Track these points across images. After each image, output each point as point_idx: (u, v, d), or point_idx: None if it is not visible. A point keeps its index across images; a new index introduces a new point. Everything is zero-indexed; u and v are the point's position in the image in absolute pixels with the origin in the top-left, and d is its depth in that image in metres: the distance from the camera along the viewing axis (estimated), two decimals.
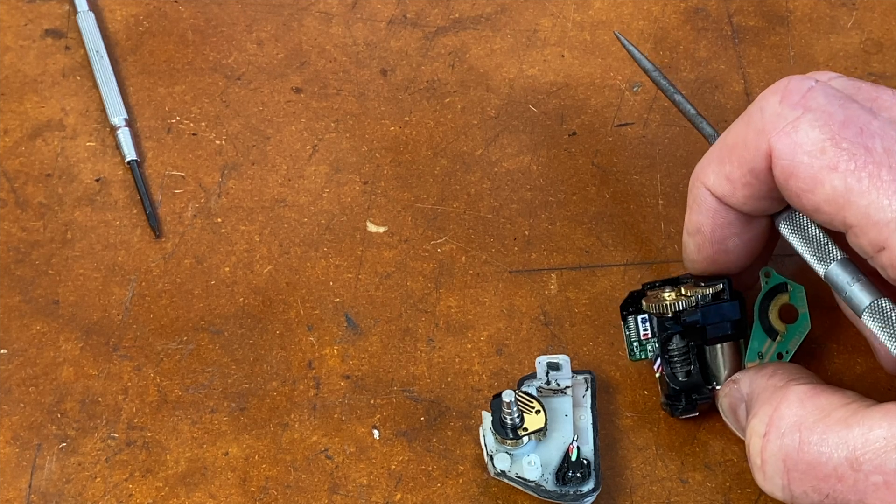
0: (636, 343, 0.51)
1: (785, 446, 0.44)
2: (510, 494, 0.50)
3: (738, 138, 0.45)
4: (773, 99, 0.44)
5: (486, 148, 0.59)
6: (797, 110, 0.43)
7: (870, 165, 0.42)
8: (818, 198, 0.43)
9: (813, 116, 0.43)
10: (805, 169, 0.43)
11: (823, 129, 0.43)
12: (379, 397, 0.52)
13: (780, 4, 0.64)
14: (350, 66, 0.62)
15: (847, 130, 0.43)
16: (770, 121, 0.44)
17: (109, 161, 0.59)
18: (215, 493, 0.50)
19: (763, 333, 0.50)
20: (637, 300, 0.51)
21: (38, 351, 0.54)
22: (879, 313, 0.44)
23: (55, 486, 0.50)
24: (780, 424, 0.44)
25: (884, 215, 0.41)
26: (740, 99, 0.60)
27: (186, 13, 0.64)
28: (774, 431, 0.44)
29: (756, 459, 0.45)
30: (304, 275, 0.56)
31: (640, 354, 0.51)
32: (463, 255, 0.56)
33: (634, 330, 0.51)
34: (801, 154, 0.43)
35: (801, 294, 0.50)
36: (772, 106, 0.44)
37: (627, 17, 0.64)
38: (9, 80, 0.62)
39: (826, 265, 0.45)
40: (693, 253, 0.50)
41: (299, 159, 0.59)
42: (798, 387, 0.45)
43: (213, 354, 0.54)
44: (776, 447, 0.44)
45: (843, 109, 0.43)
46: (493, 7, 0.64)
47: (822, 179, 0.43)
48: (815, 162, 0.43)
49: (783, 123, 0.43)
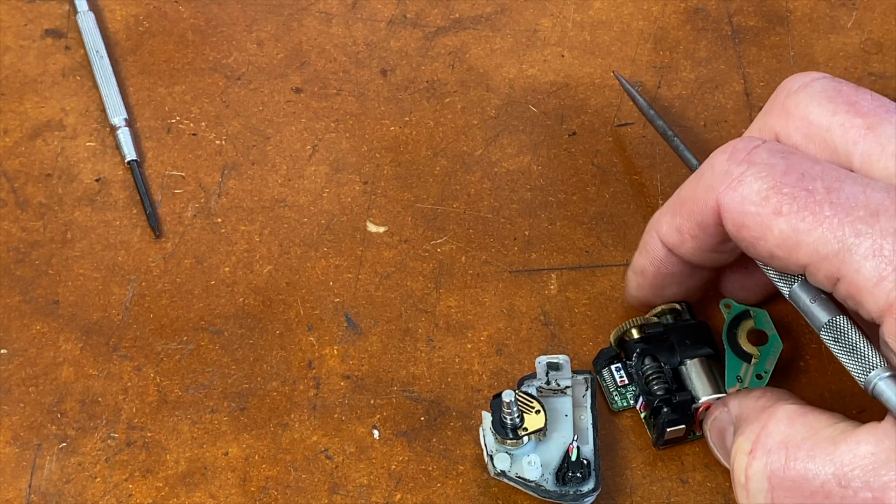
0: (615, 392, 0.52)
1: (771, 463, 0.44)
2: (510, 494, 0.50)
3: (689, 193, 0.47)
4: (721, 157, 0.46)
5: (486, 148, 0.59)
6: (742, 166, 0.45)
7: (811, 205, 0.43)
8: (769, 244, 0.44)
9: (757, 170, 0.45)
10: (752, 218, 0.45)
11: (766, 179, 0.44)
12: (379, 397, 0.52)
13: (780, 4, 0.64)
14: (350, 66, 0.62)
15: (788, 177, 0.44)
16: (718, 177, 0.46)
17: (109, 161, 0.59)
18: (215, 493, 0.50)
19: (737, 359, 0.50)
20: (608, 355, 0.53)
21: (38, 351, 0.54)
22: (834, 330, 0.45)
23: (55, 486, 0.50)
24: (767, 442, 0.44)
25: (831, 248, 0.43)
26: (740, 99, 0.60)
27: (186, 13, 0.64)
28: (761, 449, 0.44)
29: (740, 477, 0.45)
30: (304, 275, 0.56)
31: (622, 402, 0.52)
32: (463, 255, 0.56)
33: (611, 380, 0.52)
34: (747, 205, 0.45)
35: (765, 317, 0.51)
36: (720, 164, 0.46)
37: (627, 17, 0.64)
38: (9, 80, 0.62)
39: (790, 285, 0.46)
40: (633, 289, 0.52)
41: (299, 159, 0.59)
42: (786, 406, 0.45)
43: (213, 354, 0.54)
44: (762, 464, 0.44)
45: (785, 160, 0.45)
46: (493, 7, 0.64)
47: (770, 225, 0.44)
48: (762, 210, 0.44)
49: (729, 179, 0.45)
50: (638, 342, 0.51)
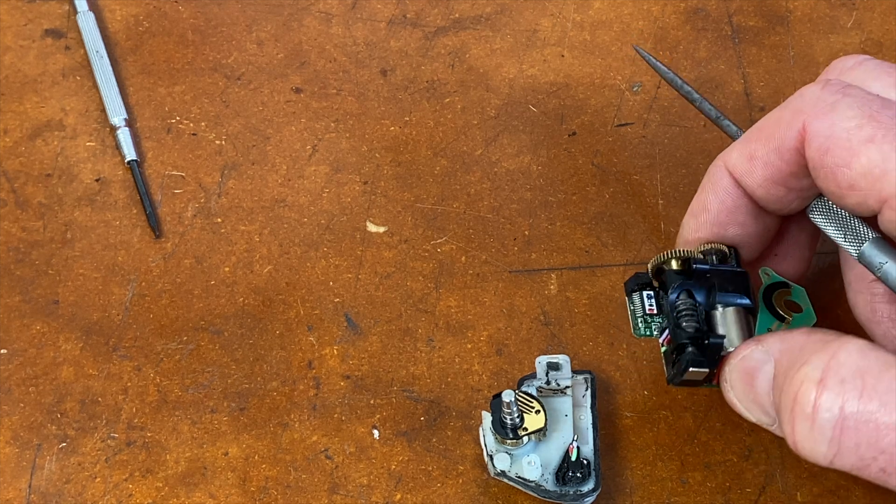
0: (641, 318, 0.50)
1: (845, 392, 0.41)
2: (510, 494, 0.50)
3: (772, 119, 0.47)
4: (814, 87, 0.46)
5: (486, 148, 0.59)
6: (837, 95, 0.45)
7: None
8: (853, 172, 0.44)
9: (851, 100, 0.44)
10: (841, 143, 0.44)
11: (861, 108, 0.44)
12: (379, 397, 0.52)
13: (780, 4, 0.64)
14: (350, 66, 0.62)
15: (884, 110, 0.44)
16: (809, 102, 0.45)
17: (109, 161, 0.59)
18: (215, 493, 0.50)
19: (770, 317, 0.49)
20: (641, 280, 0.50)
21: (38, 351, 0.54)
22: None
23: (55, 486, 0.50)
24: (840, 371, 0.41)
25: None
26: (740, 99, 0.60)
27: (186, 13, 0.64)
28: (833, 377, 0.41)
29: (806, 407, 0.41)
30: (304, 275, 0.56)
31: (645, 331, 0.50)
32: (463, 255, 0.56)
33: (640, 305, 0.50)
34: (838, 130, 0.44)
35: (803, 294, 0.50)
36: (812, 92, 0.45)
37: (627, 17, 0.64)
38: (9, 80, 0.62)
39: (859, 245, 0.45)
40: (690, 233, 0.50)
41: (299, 159, 0.59)
42: (856, 339, 0.43)
43: (213, 354, 0.54)
44: (835, 394, 0.41)
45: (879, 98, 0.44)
46: (493, 7, 0.64)
47: (858, 152, 0.43)
48: (852, 136, 0.43)
49: (822, 105, 0.45)
50: (679, 273, 0.48)
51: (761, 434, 0.51)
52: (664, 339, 0.49)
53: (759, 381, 0.45)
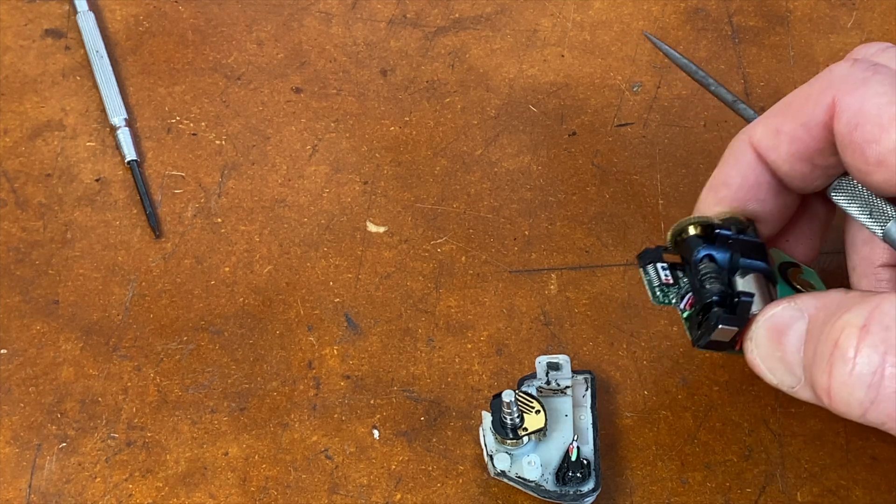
0: (658, 287, 0.49)
1: (889, 338, 0.40)
2: (510, 494, 0.50)
3: (800, 95, 0.46)
4: (843, 64, 0.46)
5: (486, 148, 0.59)
6: (867, 72, 0.45)
7: None
8: (882, 147, 0.43)
9: (883, 77, 0.44)
10: (871, 119, 0.44)
11: (893, 85, 0.44)
12: (379, 397, 0.52)
13: (780, 4, 0.64)
14: (350, 66, 0.62)
15: None
16: (839, 78, 0.45)
17: (109, 161, 0.59)
18: (215, 493, 0.50)
19: (789, 288, 0.48)
20: (653, 255, 0.49)
21: (38, 351, 0.54)
22: None
23: (55, 486, 0.50)
24: (884, 319, 0.41)
25: None
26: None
27: (186, 13, 0.64)
28: (877, 324, 0.40)
29: (848, 351, 0.41)
30: (304, 275, 0.56)
31: (664, 299, 0.49)
32: (463, 255, 0.56)
33: (655, 276, 0.49)
34: (868, 105, 0.44)
35: (814, 274, 0.50)
36: (842, 68, 0.45)
37: (627, 17, 0.64)
38: (9, 80, 0.62)
39: (884, 223, 0.45)
40: (708, 208, 0.49)
41: (299, 159, 0.59)
42: None
43: (213, 354, 0.54)
44: (878, 339, 0.40)
45: None
46: (493, 7, 0.64)
47: (890, 128, 0.43)
48: (883, 111, 0.43)
49: (853, 80, 0.44)
50: (699, 238, 0.48)
51: (761, 434, 0.51)
52: (686, 303, 0.48)
53: (789, 338, 0.44)
